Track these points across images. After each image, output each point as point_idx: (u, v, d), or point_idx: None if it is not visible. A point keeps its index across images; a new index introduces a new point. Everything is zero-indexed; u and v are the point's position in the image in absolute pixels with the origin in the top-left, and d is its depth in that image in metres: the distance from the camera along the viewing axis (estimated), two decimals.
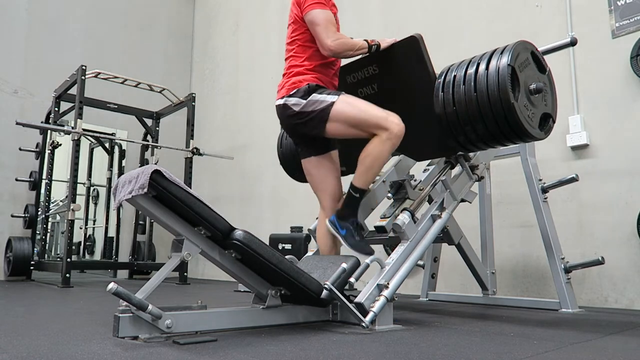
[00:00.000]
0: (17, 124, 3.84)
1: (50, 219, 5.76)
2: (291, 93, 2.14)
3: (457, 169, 2.38)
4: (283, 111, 2.18)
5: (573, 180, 2.62)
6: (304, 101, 2.10)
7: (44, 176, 4.85)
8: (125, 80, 4.87)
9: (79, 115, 4.11)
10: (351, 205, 2.11)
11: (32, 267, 4.57)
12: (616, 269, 2.75)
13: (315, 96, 2.10)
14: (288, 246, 3.75)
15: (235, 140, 5.75)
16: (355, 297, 1.88)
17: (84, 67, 4.22)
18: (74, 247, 4.42)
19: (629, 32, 2.84)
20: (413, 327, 1.95)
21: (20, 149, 4.93)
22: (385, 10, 4.29)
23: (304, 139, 2.26)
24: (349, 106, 2.07)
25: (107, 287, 1.47)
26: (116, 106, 5.17)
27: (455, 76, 2.05)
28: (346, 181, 2.24)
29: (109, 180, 5.94)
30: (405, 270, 1.99)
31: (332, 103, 2.06)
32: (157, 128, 5.53)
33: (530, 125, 1.94)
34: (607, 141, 2.88)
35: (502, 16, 3.43)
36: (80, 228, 6.24)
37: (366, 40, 2.18)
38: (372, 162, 2.05)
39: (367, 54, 2.24)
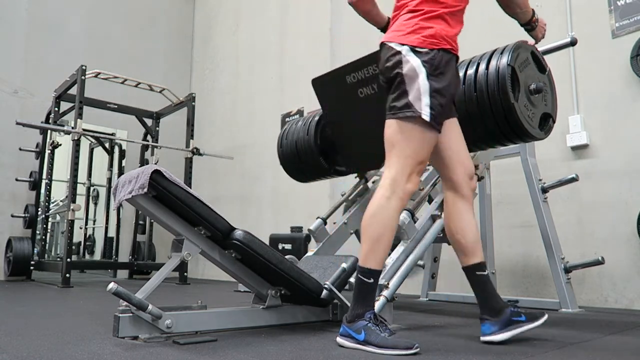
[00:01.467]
0: (17, 124, 3.84)
1: (50, 219, 5.76)
2: (420, 49, 1.54)
3: None
4: (387, 56, 1.60)
5: (573, 180, 2.62)
6: (418, 77, 1.52)
7: (44, 176, 4.85)
8: (125, 80, 4.87)
9: (79, 115, 4.11)
10: (364, 296, 1.52)
11: (32, 267, 4.57)
12: (616, 269, 2.75)
13: (425, 84, 1.51)
14: (288, 246, 3.75)
15: (235, 140, 5.75)
16: None
17: (84, 67, 4.21)
18: (74, 247, 4.42)
19: (629, 32, 2.84)
20: (413, 327, 1.95)
21: (20, 149, 4.93)
22: (385, 10, 4.28)
23: None
24: (420, 133, 1.54)
25: (107, 287, 1.47)
26: (116, 106, 5.17)
27: None
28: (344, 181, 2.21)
29: (109, 180, 5.94)
30: (405, 270, 1.99)
31: (420, 115, 1.51)
32: (157, 128, 5.53)
33: (530, 125, 1.94)
34: (607, 141, 2.88)
35: (502, 16, 3.42)
36: (80, 228, 6.23)
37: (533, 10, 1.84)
38: (379, 228, 1.52)
39: (372, 55, 2.21)
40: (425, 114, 1.51)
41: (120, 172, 5.80)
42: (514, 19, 1.89)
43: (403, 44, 1.56)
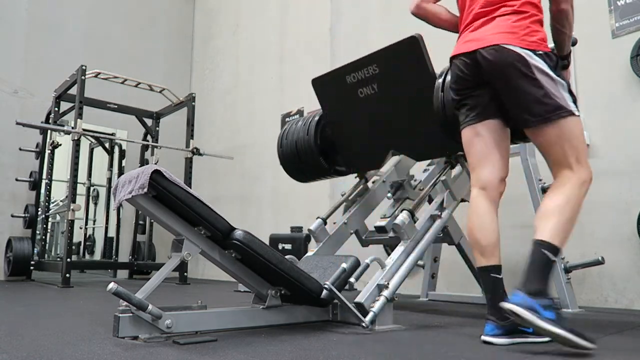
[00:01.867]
0: (17, 124, 3.84)
1: (50, 219, 5.76)
2: (540, 52, 1.58)
3: (457, 169, 2.38)
4: (511, 59, 1.57)
5: None
6: (554, 78, 1.57)
7: (44, 176, 4.85)
8: (125, 80, 4.87)
9: (79, 115, 4.11)
10: (546, 274, 1.52)
11: (32, 267, 4.57)
12: (616, 269, 2.75)
13: (561, 83, 1.59)
14: (288, 246, 3.75)
15: (235, 140, 5.75)
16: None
17: (84, 67, 4.21)
18: (74, 247, 4.42)
19: (629, 32, 2.84)
20: (413, 327, 1.95)
21: (20, 149, 4.93)
22: (385, 9, 4.29)
23: (487, 98, 1.69)
24: (580, 126, 1.63)
25: (107, 287, 1.47)
26: (116, 106, 5.17)
27: None
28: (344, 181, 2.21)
29: (109, 180, 5.94)
30: (405, 270, 1.99)
31: (572, 113, 1.58)
32: (157, 128, 5.53)
33: None
34: (607, 141, 2.87)
35: None
36: (80, 228, 6.24)
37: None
38: (574, 211, 1.57)
39: (369, 55, 2.21)
40: (575, 109, 1.59)
41: (120, 172, 5.80)
42: (556, 43, 1.77)
43: (524, 48, 1.58)
